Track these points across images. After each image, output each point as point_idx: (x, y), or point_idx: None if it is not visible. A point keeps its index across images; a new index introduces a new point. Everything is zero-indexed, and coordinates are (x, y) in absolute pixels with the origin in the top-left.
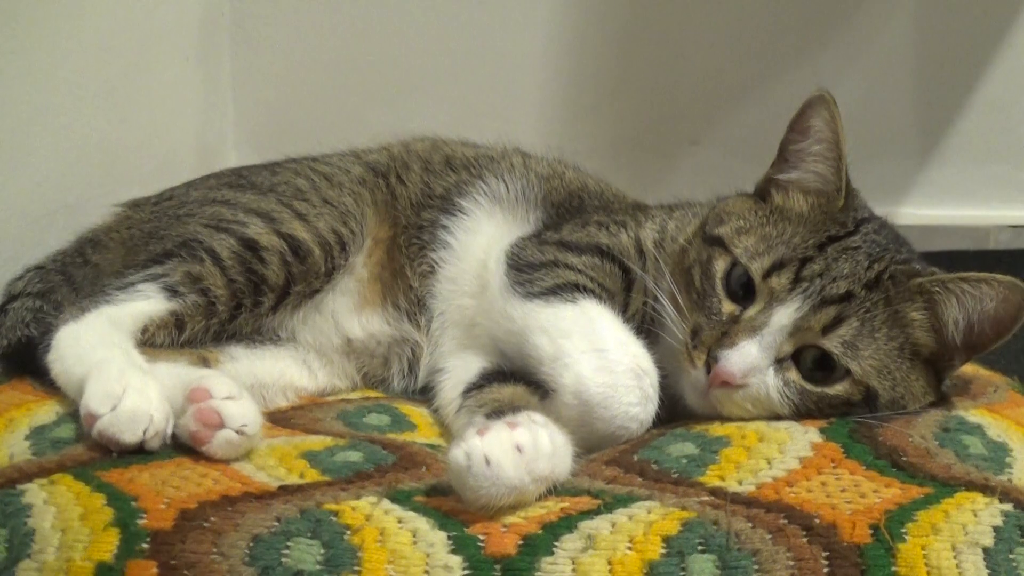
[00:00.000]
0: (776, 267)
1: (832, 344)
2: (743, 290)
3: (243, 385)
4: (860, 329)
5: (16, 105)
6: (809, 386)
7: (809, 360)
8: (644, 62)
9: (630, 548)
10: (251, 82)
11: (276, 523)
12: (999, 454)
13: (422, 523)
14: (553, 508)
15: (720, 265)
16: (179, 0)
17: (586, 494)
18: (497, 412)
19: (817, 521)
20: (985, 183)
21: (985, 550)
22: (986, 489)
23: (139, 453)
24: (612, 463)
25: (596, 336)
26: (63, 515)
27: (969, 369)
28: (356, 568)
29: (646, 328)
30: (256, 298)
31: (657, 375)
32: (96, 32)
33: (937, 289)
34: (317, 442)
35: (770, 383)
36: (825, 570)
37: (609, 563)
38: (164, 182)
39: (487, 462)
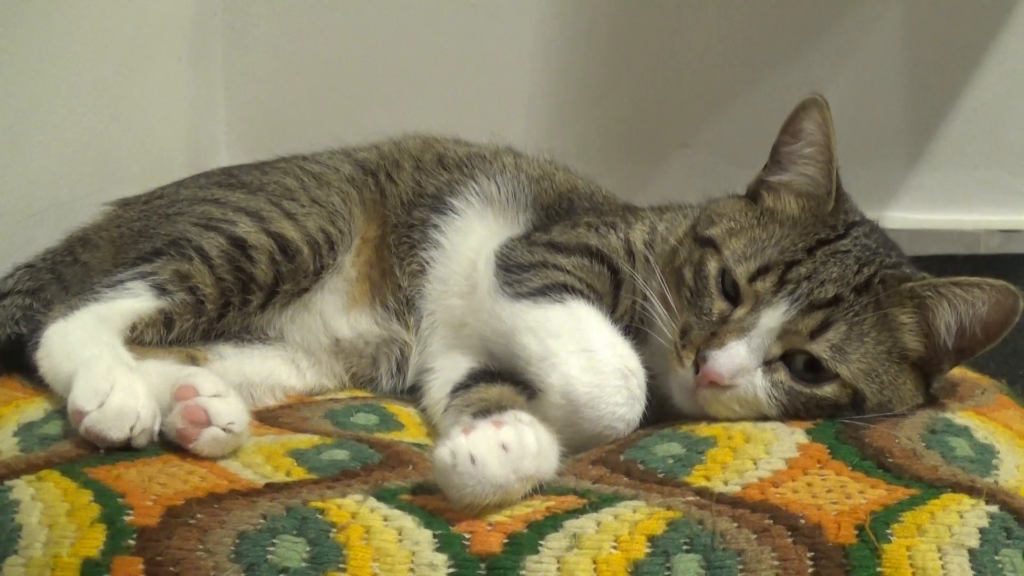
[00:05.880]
0: (761, 271)
1: (820, 348)
2: (734, 290)
3: (231, 384)
4: (848, 333)
5: (8, 103)
6: (798, 387)
7: (800, 363)
8: (634, 65)
9: (615, 547)
10: (243, 82)
11: (262, 520)
12: (986, 456)
13: (408, 521)
14: (539, 507)
15: (713, 265)
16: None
17: (572, 493)
18: (484, 411)
19: (802, 521)
20: (975, 187)
21: (971, 551)
22: (972, 491)
23: (126, 450)
24: (598, 463)
25: (584, 336)
26: (50, 511)
27: (957, 372)
28: (341, 566)
29: (635, 328)
30: (244, 296)
31: (644, 375)
32: (88, 31)
33: (929, 294)
34: (304, 440)
35: (758, 384)
36: (810, 570)
37: (594, 562)
38: (155, 181)
39: (472, 460)
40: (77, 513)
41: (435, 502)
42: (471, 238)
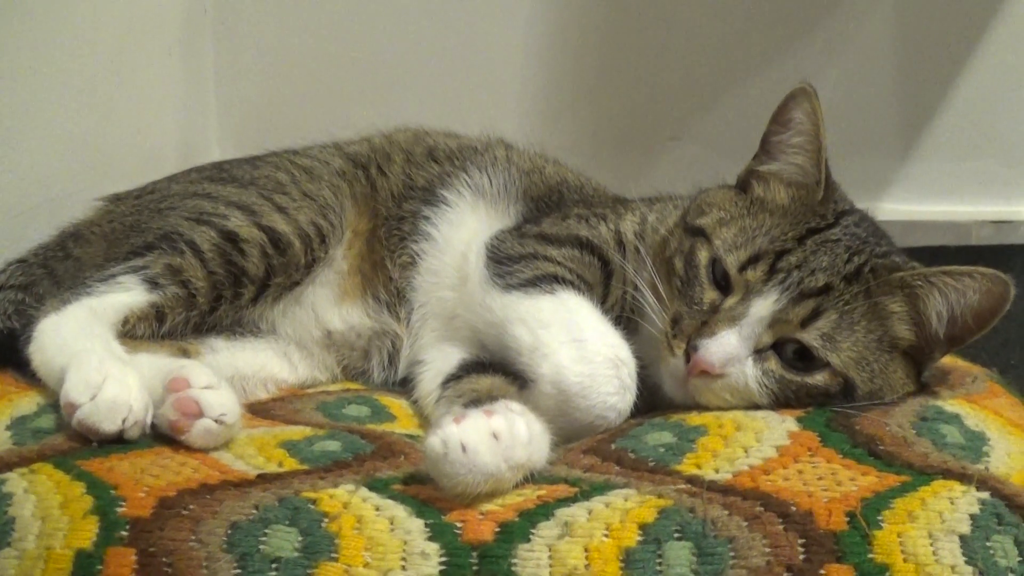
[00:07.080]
0: (752, 260)
1: (811, 337)
2: (725, 280)
3: (223, 377)
4: (839, 322)
5: None
6: (789, 375)
7: (791, 352)
8: (624, 58)
9: (607, 535)
10: (234, 77)
11: (254, 511)
12: (976, 443)
13: (399, 511)
14: (530, 496)
15: (704, 255)
16: None
17: (563, 482)
18: (475, 402)
19: (793, 508)
20: (966, 179)
21: (962, 537)
22: (963, 477)
23: (119, 442)
24: (589, 452)
25: (575, 327)
26: (43, 503)
27: (948, 360)
28: (333, 555)
29: (625, 318)
30: (236, 290)
31: (635, 365)
32: (79, 27)
33: (919, 283)
34: (296, 432)
35: (749, 373)
36: (801, 557)
37: (586, 550)
38: (147, 177)
39: (463, 449)
40: (70, 505)
41: (427, 492)
42: (462, 230)
